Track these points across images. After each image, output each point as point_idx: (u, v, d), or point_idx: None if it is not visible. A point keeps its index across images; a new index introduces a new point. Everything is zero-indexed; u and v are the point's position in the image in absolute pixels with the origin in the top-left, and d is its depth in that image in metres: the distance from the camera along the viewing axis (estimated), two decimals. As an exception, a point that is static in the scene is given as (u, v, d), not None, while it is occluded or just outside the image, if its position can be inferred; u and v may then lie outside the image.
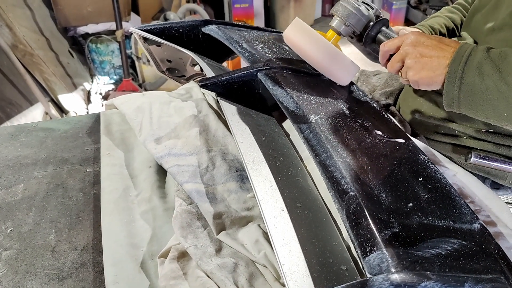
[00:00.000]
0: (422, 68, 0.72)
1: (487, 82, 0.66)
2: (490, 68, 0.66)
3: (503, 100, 0.65)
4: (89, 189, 0.89)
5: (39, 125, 1.12)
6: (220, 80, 0.88)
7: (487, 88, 0.66)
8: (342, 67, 0.85)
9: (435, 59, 0.71)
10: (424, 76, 0.72)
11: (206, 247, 0.68)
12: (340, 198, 0.59)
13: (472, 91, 0.68)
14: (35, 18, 2.84)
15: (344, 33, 0.88)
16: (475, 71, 0.67)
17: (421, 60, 0.72)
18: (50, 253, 0.74)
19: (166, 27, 1.12)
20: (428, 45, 0.72)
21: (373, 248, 0.51)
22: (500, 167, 0.84)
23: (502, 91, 0.65)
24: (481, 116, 0.70)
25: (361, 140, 0.72)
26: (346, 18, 0.85)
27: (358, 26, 0.86)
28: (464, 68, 0.68)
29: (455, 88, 0.69)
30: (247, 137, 0.79)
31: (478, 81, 0.67)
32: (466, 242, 0.55)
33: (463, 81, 0.68)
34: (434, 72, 0.71)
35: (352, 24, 0.86)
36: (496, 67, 0.65)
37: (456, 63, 0.69)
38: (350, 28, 0.87)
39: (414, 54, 0.73)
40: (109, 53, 3.32)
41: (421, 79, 0.73)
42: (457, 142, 0.91)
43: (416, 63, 0.73)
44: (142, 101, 1.03)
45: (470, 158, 0.83)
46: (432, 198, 0.61)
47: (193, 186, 0.77)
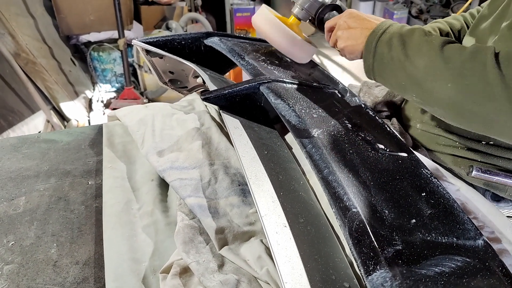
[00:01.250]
0: (348, 38, 0.82)
1: (392, 53, 0.73)
2: (397, 41, 0.73)
3: (402, 69, 0.72)
4: (91, 202, 0.89)
5: (42, 136, 1.13)
6: (222, 93, 0.89)
7: (392, 58, 0.73)
8: (299, 48, 1.00)
9: (359, 30, 0.81)
10: (349, 44, 0.82)
11: (208, 262, 0.68)
12: (343, 214, 0.59)
13: (381, 60, 0.76)
14: (38, 26, 2.86)
15: (302, 17, 1.01)
16: (386, 43, 0.75)
17: (348, 31, 0.83)
18: (52, 267, 0.74)
19: (169, 40, 1.12)
20: (358, 18, 0.83)
21: (376, 266, 0.51)
22: (502, 181, 0.84)
23: (401, 61, 0.72)
24: (388, 84, 0.79)
25: (364, 154, 0.72)
26: (302, 3, 0.98)
27: (311, 10, 0.98)
28: (379, 39, 0.76)
29: (370, 57, 0.77)
30: (250, 151, 0.79)
31: (386, 52, 0.74)
32: (470, 260, 0.55)
33: (376, 51, 0.76)
34: (356, 41, 0.81)
35: (306, 8, 0.98)
36: (402, 40, 0.73)
37: (373, 35, 0.77)
38: (305, 12, 0.99)
39: (344, 26, 0.84)
40: (111, 61, 3.34)
41: (346, 47, 0.83)
42: (458, 153, 0.92)
43: (343, 33, 0.83)
44: (145, 113, 1.03)
45: (471, 172, 0.83)
46: (435, 214, 0.61)
47: (195, 201, 0.77)
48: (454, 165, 0.93)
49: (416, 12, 4.30)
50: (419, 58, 0.70)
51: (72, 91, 3.09)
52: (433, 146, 0.96)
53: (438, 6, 4.20)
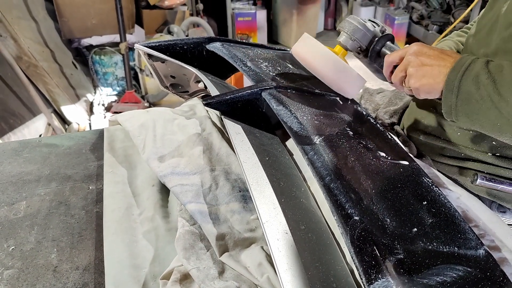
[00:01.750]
0: (423, 76, 0.74)
1: (482, 92, 0.67)
2: (486, 78, 0.67)
3: (495, 109, 0.66)
4: (91, 207, 0.89)
5: (43, 140, 1.13)
6: (224, 98, 0.89)
7: (481, 97, 0.67)
8: (349, 80, 0.89)
9: (436, 67, 0.73)
10: (425, 83, 0.74)
11: (209, 269, 0.68)
12: (345, 222, 0.59)
13: (468, 100, 0.69)
14: (40, 30, 2.86)
15: (351, 47, 0.91)
16: (472, 81, 0.68)
17: (423, 68, 0.74)
18: (52, 272, 0.74)
19: (171, 44, 1.13)
20: (430, 55, 0.75)
21: (378, 275, 0.51)
22: (506, 189, 0.83)
23: (494, 101, 0.66)
24: (477, 125, 0.72)
25: (365, 162, 0.71)
26: (353, 33, 0.89)
27: (364, 40, 0.90)
28: (463, 77, 0.69)
29: (453, 96, 0.71)
30: (251, 157, 0.79)
31: (474, 90, 0.68)
32: (471, 269, 0.55)
33: (460, 90, 0.70)
34: (434, 80, 0.73)
35: (358, 38, 0.89)
36: (492, 77, 0.67)
37: (455, 72, 0.70)
38: (356, 42, 0.90)
39: (416, 63, 0.75)
40: (112, 64, 3.34)
41: (422, 86, 0.75)
42: (463, 165, 0.91)
43: (417, 71, 0.75)
44: (146, 118, 1.03)
45: (476, 180, 0.83)
46: (437, 223, 0.61)
47: (196, 207, 0.77)
48: (459, 175, 0.92)
49: (417, 17, 4.31)
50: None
51: (73, 95, 3.10)
52: (438, 157, 0.95)
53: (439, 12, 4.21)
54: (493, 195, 0.89)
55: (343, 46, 0.91)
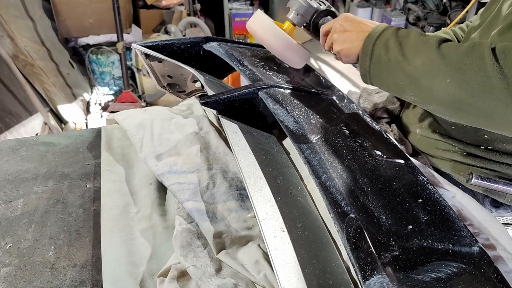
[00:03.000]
0: (344, 41, 0.83)
1: (390, 54, 0.74)
2: (393, 42, 0.74)
3: (399, 70, 0.73)
4: (89, 205, 0.89)
5: (40, 139, 1.13)
6: (221, 98, 0.89)
7: (389, 59, 0.74)
8: (294, 52, 1.01)
9: (355, 33, 0.81)
10: (345, 47, 0.82)
11: (206, 266, 0.68)
12: (341, 220, 0.59)
13: (378, 62, 0.76)
14: (37, 28, 2.86)
15: (297, 23, 1.01)
16: (383, 45, 0.75)
17: (344, 34, 0.83)
18: (49, 270, 0.74)
19: (168, 44, 1.13)
20: (353, 21, 0.84)
21: (374, 271, 0.52)
22: (501, 188, 0.84)
23: (398, 61, 0.72)
24: (385, 86, 0.79)
25: (361, 160, 0.72)
26: (297, 9, 0.99)
27: (306, 15, 0.99)
28: (376, 41, 0.76)
29: (367, 59, 0.78)
30: (248, 155, 0.80)
31: (383, 53, 0.75)
32: (466, 266, 0.55)
33: (373, 53, 0.77)
34: (352, 44, 0.81)
35: (301, 13, 0.99)
36: (399, 41, 0.74)
37: (370, 37, 0.78)
38: (300, 17, 1.00)
39: (339, 29, 0.84)
40: (109, 64, 3.34)
41: (342, 50, 0.83)
42: (457, 158, 0.92)
43: (339, 36, 0.84)
44: (144, 117, 1.03)
45: (471, 179, 0.84)
46: (432, 221, 0.62)
47: (193, 205, 0.77)
48: (453, 171, 0.93)
49: (413, 19, 4.32)
50: (416, 57, 0.70)
51: (70, 94, 3.09)
52: (432, 152, 0.97)
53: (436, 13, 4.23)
54: (486, 190, 0.91)
55: (291, 21, 1.01)
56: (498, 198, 0.92)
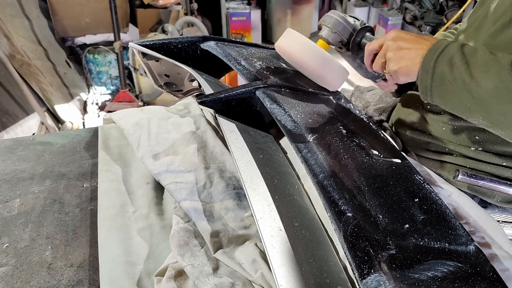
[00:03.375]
0: (401, 59, 0.76)
1: (455, 73, 0.69)
2: (459, 60, 0.69)
3: (466, 91, 0.68)
4: (86, 205, 0.89)
5: (37, 138, 1.12)
6: (218, 97, 0.89)
7: (454, 78, 0.69)
8: (333, 72, 0.91)
9: (413, 50, 0.75)
10: (403, 65, 0.76)
11: (203, 266, 0.69)
12: (338, 219, 0.60)
13: (442, 80, 0.71)
14: (33, 28, 2.85)
15: (333, 41, 0.93)
16: (446, 62, 0.70)
17: (400, 52, 0.77)
18: (46, 270, 0.74)
19: (165, 43, 1.13)
20: (407, 39, 0.77)
21: (371, 270, 0.52)
22: (487, 185, 0.85)
23: (465, 82, 0.68)
24: (449, 106, 0.74)
25: (358, 160, 0.72)
26: (334, 26, 0.92)
27: (344, 33, 0.92)
28: (438, 58, 0.71)
29: (428, 77, 0.73)
30: (245, 155, 0.80)
31: (447, 71, 0.70)
32: (462, 264, 0.56)
33: (435, 71, 0.71)
34: (412, 62, 0.75)
35: (339, 31, 0.92)
36: (465, 59, 0.69)
37: (431, 53, 0.73)
38: (337, 36, 0.93)
39: (394, 47, 0.78)
40: (106, 63, 3.33)
41: (400, 68, 0.77)
42: (447, 159, 0.93)
43: (395, 54, 0.77)
44: (141, 116, 1.03)
45: (457, 175, 0.85)
46: (428, 219, 0.62)
47: (190, 204, 0.77)
48: (442, 169, 0.94)
49: (410, 18, 4.33)
50: (486, 78, 0.65)
51: (67, 93, 3.08)
52: (422, 152, 0.98)
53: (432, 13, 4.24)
54: (474, 190, 0.91)
55: (325, 40, 0.93)
56: (486, 199, 0.92)
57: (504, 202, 0.92)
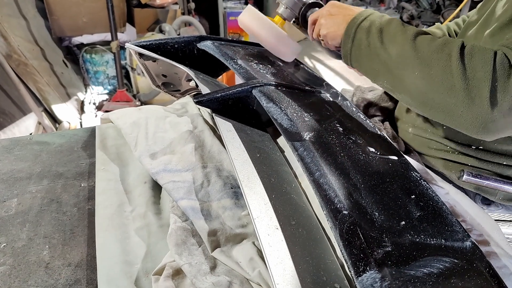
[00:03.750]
0: (330, 25, 0.85)
1: (370, 39, 0.77)
2: (375, 28, 0.77)
3: (376, 56, 0.75)
4: (83, 204, 0.89)
5: (34, 138, 1.12)
6: (215, 96, 0.89)
7: (368, 44, 0.77)
8: (285, 46, 1.04)
9: (341, 16, 0.84)
10: (331, 30, 0.85)
11: (201, 264, 0.69)
12: (334, 217, 0.60)
13: (359, 46, 0.79)
14: (30, 28, 2.84)
15: (287, 16, 1.04)
16: (365, 30, 0.78)
17: (330, 17, 0.85)
18: (44, 269, 0.74)
19: (162, 43, 1.13)
20: (339, 6, 0.86)
21: (366, 267, 0.52)
22: (492, 185, 0.85)
23: (376, 47, 0.75)
24: (362, 69, 0.81)
25: (355, 157, 0.73)
26: (286, 2, 1.03)
27: (295, 8, 1.03)
28: (359, 25, 0.79)
29: (349, 41, 0.80)
30: (242, 153, 0.80)
31: (364, 37, 0.78)
32: (458, 261, 0.56)
33: (355, 36, 0.79)
34: (338, 27, 0.83)
35: (290, 7, 1.02)
36: (380, 28, 0.76)
37: (354, 21, 0.80)
38: (290, 11, 1.03)
39: (326, 14, 0.87)
40: (103, 63, 3.33)
41: (328, 33, 0.85)
42: (449, 157, 0.93)
43: (325, 20, 0.86)
44: (138, 116, 1.03)
45: (462, 176, 0.85)
46: (425, 216, 0.62)
47: (188, 203, 0.77)
48: (445, 169, 0.94)
49: (407, 17, 4.34)
50: (392, 45, 0.73)
51: (64, 93, 3.08)
52: (424, 150, 0.98)
53: (429, 12, 4.25)
54: (477, 188, 0.91)
55: (281, 16, 1.04)
56: (489, 196, 0.92)
57: (506, 200, 0.92)
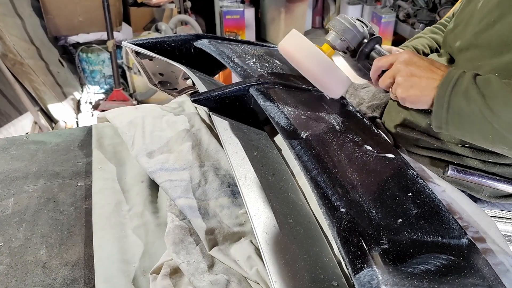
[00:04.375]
0: (411, 87, 0.74)
1: (473, 107, 0.68)
2: (475, 93, 0.68)
3: (487, 123, 0.68)
4: (80, 204, 0.89)
5: (30, 137, 1.12)
6: (212, 95, 0.89)
7: (472, 112, 0.69)
8: (335, 79, 0.86)
9: (424, 79, 0.73)
10: (412, 94, 0.74)
11: (198, 263, 0.69)
12: (331, 214, 0.60)
13: (459, 114, 0.71)
14: (26, 27, 2.83)
15: (339, 47, 0.89)
16: (462, 96, 0.69)
17: (411, 79, 0.74)
18: (41, 269, 0.74)
19: (158, 41, 1.13)
20: (420, 66, 0.75)
21: (364, 265, 0.52)
22: (476, 180, 0.87)
23: (485, 116, 0.67)
24: (468, 137, 0.73)
25: (352, 155, 0.73)
26: (342, 33, 0.87)
27: (353, 42, 0.88)
28: (452, 92, 0.70)
29: (443, 111, 0.72)
30: (239, 152, 0.80)
31: (464, 105, 0.69)
32: (455, 258, 0.56)
33: (451, 105, 0.71)
34: (421, 92, 0.74)
35: (347, 39, 0.87)
36: (481, 92, 0.68)
37: (444, 87, 0.71)
38: (345, 43, 0.88)
39: (405, 72, 0.75)
40: (99, 62, 3.32)
41: (409, 96, 0.75)
42: (435, 155, 0.95)
43: (405, 81, 0.75)
44: (135, 115, 1.03)
45: (447, 171, 0.86)
46: (421, 214, 0.63)
47: (185, 202, 0.77)
48: (431, 165, 0.96)
49: (403, 16, 4.35)
50: (507, 112, 0.66)
51: (60, 93, 3.07)
52: (412, 148, 0.99)
53: (425, 10, 4.26)
54: (463, 185, 0.93)
55: (331, 45, 0.89)
56: (475, 194, 0.94)
57: (492, 197, 0.94)
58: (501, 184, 0.89)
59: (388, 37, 4.26)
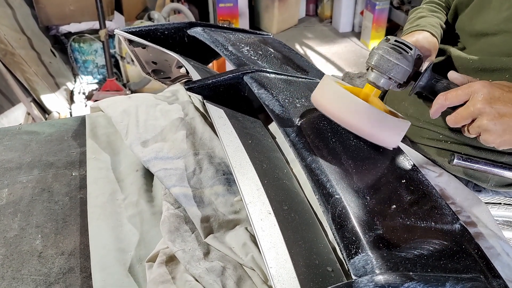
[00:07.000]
0: (504, 131, 0.62)
1: None
2: None
3: None
4: (75, 193, 0.89)
5: (23, 128, 1.11)
6: (206, 83, 0.89)
7: None
8: (387, 129, 0.70)
9: None
10: (507, 139, 0.63)
11: (194, 251, 0.69)
12: (326, 201, 0.60)
13: None
14: (16, 16, 2.79)
15: (385, 86, 0.73)
16: None
17: (502, 121, 0.61)
18: (37, 258, 0.74)
19: (151, 29, 1.12)
20: (505, 101, 0.62)
21: (358, 250, 0.53)
22: (482, 168, 0.86)
23: None
24: None
25: (346, 143, 0.73)
26: (387, 72, 0.71)
27: (404, 78, 0.72)
28: None
29: None
30: (234, 140, 0.80)
31: None
32: (447, 242, 0.57)
33: None
34: None
35: (396, 77, 0.71)
36: None
37: None
38: (392, 80, 0.72)
39: (492, 115, 0.62)
40: (92, 52, 3.29)
41: (504, 142, 0.64)
42: (441, 146, 0.93)
43: (496, 125, 0.62)
44: (128, 104, 1.03)
45: (452, 160, 0.85)
46: (415, 200, 0.63)
47: (180, 190, 0.77)
48: (437, 155, 0.94)
49: (397, 3, 4.33)
50: None
51: (52, 83, 3.04)
52: (417, 139, 0.98)
53: (419, -3, 4.24)
54: (469, 175, 0.92)
55: (374, 85, 0.73)
56: (481, 184, 0.93)
57: (498, 187, 0.93)
58: (506, 171, 0.87)
59: (382, 24, 4.24)
